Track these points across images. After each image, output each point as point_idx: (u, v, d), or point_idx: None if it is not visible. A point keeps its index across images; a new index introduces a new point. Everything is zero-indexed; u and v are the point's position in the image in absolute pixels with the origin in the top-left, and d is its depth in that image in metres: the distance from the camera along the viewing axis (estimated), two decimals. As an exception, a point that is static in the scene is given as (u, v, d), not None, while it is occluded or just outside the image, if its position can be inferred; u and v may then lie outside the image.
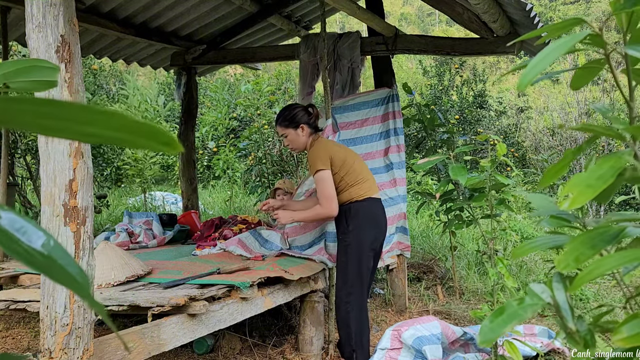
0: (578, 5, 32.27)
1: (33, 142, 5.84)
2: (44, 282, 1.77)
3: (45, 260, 0.36)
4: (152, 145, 0.35)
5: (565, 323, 0.70)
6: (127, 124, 0.34)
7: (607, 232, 0.64)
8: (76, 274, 0.37)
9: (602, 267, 0.60)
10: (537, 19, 3.15)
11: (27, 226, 0.37)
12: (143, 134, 0.34)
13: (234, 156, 9.19)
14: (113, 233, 3.84)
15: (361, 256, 2.78)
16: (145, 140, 0.35)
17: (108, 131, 0.34)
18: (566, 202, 0.59)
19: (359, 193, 2.82)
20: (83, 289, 0.37)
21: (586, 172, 0.59)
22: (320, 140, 2.96)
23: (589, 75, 0.76)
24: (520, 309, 0.69)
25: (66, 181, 1.76)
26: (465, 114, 10.29)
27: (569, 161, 0.67)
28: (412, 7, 42.14)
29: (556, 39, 0.63)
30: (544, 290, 0.73)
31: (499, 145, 2.50)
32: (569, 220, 0.89)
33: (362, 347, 2.80)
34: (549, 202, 0.96)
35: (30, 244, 0.36)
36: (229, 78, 15.05)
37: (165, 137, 0.35)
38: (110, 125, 0.34)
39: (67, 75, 1.79)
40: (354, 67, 4.16)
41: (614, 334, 0.57)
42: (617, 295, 4.32)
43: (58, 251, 0.37)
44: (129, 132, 0.34)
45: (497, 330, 0.67)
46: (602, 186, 0.57)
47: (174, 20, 4.57)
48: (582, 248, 0.62)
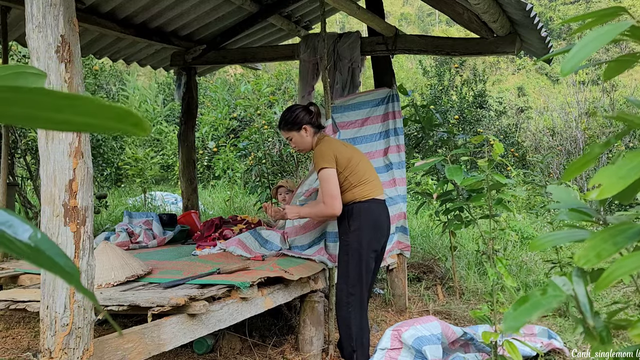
0: (578, 5, 32.28)
1: (33, 142, 5.84)
2: (44, 282, 1.76)
3: (32, 252, 0.37)
4: (122, 128, 0.35)
5: (585, 318, 0.70)
6: (95, 108, 0.33)
7: (629, 229, 0.63)
8: (64, 264, 0.38)
9: (627, 265, 0.60)
10: (537, 19, 3.15)
11: (13, 220, 0.38)
12: (112, 117, 0.34)
13: (234, 156, 9.19)
14: (113, 233, 3.84)
15: (362, 257, 2.78)
16: (114, 123, 0.34)
17: (78, 117, 0.33)
18: (594, 192, 0.58)
19: (362, 194, 2.81)
20: (73, 278, 0.38)
21: (617, 164, 0.58)
22: (326, 139, 2.96)
23: (621, 67, 0.74)
24: (543, 299, 0.69)
25: (66, 181, 1.76)
26: (465, 114, 10.29)
27: (594, 156, 0.66)
28: (412, 7, 42.14)
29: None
30: (565, 283, 0.73)
31: (496, 145, 2.50)
32: (590, 215, 0.88)
33: (362, 347, 2.80)
34: (570, 195, 0.95)
35: (17, 236, 0.37)
36: (229, 78, 15.06)
37: (134, 118, 0.35)
38: (80, 110, 0.33)
39: (67, 75, 1.79)
40: (354, 67, 4.16)
41: (631, 329, 0.57)
42: (616, 295, 4.32)
43: (45, 243, 0.38)
44: (98, 117, 0.34)
45: (521, 318, 0.66)
46: (633, 177, 0.56)
47: (174, 20, 4.57)
48: (604, 244, 0.62)
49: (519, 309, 0.67)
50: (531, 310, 0.67)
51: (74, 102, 0.33)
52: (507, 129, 11.44)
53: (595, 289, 0.65)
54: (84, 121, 0.34)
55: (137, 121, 0.35)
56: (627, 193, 0.64)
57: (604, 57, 23.11)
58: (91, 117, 0.34)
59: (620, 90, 12.92)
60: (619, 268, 0.60)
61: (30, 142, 5.86)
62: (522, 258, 5.33)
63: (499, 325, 2.21)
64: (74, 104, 0.33)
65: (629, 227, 0.63)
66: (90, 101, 0.33)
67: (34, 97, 0.33)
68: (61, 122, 0.34)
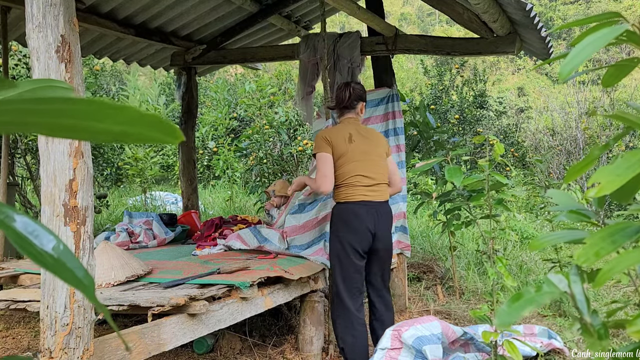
0: (578, 5, 32.27)
1: (33, 142, 5.84)
2: (44, 282, 1.77)
3: (55, 263, 0.38)
4: (157, 137, 0.36)
5: (581, 315, 0.71)
6: (132, 117, 0.34)
7: (627, 227, 0.65)
8: (82, 277, 0.39)
9: (624, 262, 0.61)
10: (537, 19, 3.15)
11: (39, 230, 0.39)
12: (146, 126, 0.35)
13: (234, 156, 9.18)
14: (113, 233, 3.84)
15: (340, 257, 2.82)
16: (151, 132, 0.35)
17: (118, 126, 0.34)
18: (593, 190, 0.60)
19: (339, 196, 2.84)
20: (89, 291, 0.39)
21: (615, 163, 0.60)
22: (338, 125, 2.97)
23: (621, 73, 0.76)
24: (537, 295, 0.71)
25: (66, 181, 1.76)
26: (465, 114, 10.29)
27: (594, 158, 0.68)
28: (412, 7, 42.13)
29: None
30: (561, 281, 0.75)
31: (497, 145, 2.50)
32: (588, 216, 0.90)
33: (347, 344, 2.81)
34: (569, 198, 0.98)
35: (42, 246, 0.38)
36: (229, 78, 15.06)
37: (168, 128, 0.36)
38: (120, 120, 0.34)
39: (67, 75, 1.79)
40: (353, 67, 4.16)
41: (629, 326, 0.58)
42: (616, 295, 4.33)
43: (67, 254, 0.39)
44: (136, 126, 0.35)
45: (514, 314, 0.68)
46: (630, 175, 0.58)
47: (174, 20, 4.57)
48: (603, 243, 0.63)
49: (512, 305, 0.69)
50: (524, 306, 0.69)
51: (116, 112, 0.34)
52: (507, 129, 11.43)
53: (594, 285, 0.67)
54: (122, 130, 0.34)
55: (172, 130, 0.36)
56: (626, 192, 0.66)
57: (604, 57, 23.10)
58: (129, 126, 0.34)
59: (620, 90, 12.92)
60: (618, 264, 0.61)
61: (30, 142, 5.86)
62: (522, 258, 5.33)
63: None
64: (116, 113, 0.34)
65: (627, 226, 0.64)
66: (131, 110, 0.34)
67: (82, 107, 0.34)
68: (101, 131, 0.34)
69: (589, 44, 0.62)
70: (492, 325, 2.28)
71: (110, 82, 12.81)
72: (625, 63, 0.74)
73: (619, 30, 0.63)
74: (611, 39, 0.62)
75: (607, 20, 0.64)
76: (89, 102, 0.34)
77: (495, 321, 0.70)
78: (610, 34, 0.62)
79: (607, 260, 0.66)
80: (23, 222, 0.39)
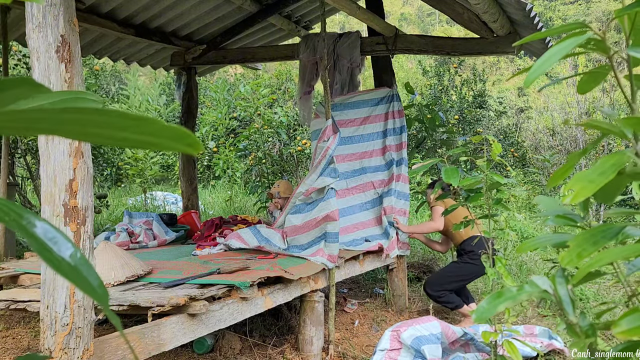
0: (578, 5, 32.24)
1: (33, 142, 5.84)
2: (44, 282, 1.76)
3: (71, 270, 0.39)
4: (177, 147, 0.37)
5: (566, 315, 0.74)
6: (156, 129, 0.36)
7: (608, 229, 0.67)
8: (97, 286, 0.40)
9: (603, 259, 0.64)
10: (537, 19, 3.15)
11: (58, 237, 0.40)
12: (169, 137, 0.36)
13: (234, 156, 9.18)
14: (113, 233, 3.84)
15: None
16: (172, 143, 0.37)
17: (138, 135, 0.36)
18: (569, 197, 0.62)
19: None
20: (102, 300, 0.40)
21: (589, 169, 0.62)
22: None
23: (595, 80, 0.80)
24: (517, 293, 0.74)
25: (66, 181, 1.76)
26: (465, 114, 10.28)
27: (573, 163, 0.71)
28: (412, 7, 42.12)
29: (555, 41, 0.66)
30: (544, 282, 0.78)
31: (494, 145, 2.50)
32: (575, 220, 0.94)
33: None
34: (556, 203, 1.02)
35: (60, 253, 0.39)
36: (229, 78, 15.05)
37: (189, 139, 0.37)
38: (142, 130, 0.36)
39: (68, 75, 1.79)
40: (353, 67, 4.16)
41: (614, 326, 0.59)
42: (616, 295, 4.33)
43: (83, 263, 0.40)
44: (157, 136, 0.36)
45: (491, 310, 0.72)
46: (603, 181, 0.60)
47: (174, 20, 4.57)
48: (585, 244, 0.66)
49: (492, 302, 0.74)
50: (501, 302, 0.73)
51: (142, 124, 0.36)
52: (507, 129, 11.43)
53: (573, 282, 0.73)
54: (147, 140, 0.36)
55: (192, 141, 0.37)
56: (608, 194, 0.69)
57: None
58: (154, 137, 0.36)
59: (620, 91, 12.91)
60: (595, 262, 0.65)
61: (31, 142, 5.86)
62: (522, 258, 5.33)
63: (499, 325, 2.22)
64: (142, 125, 0.36)
65: (608, 228, 0.67)
66: (153, 122, 0.36)
67: (111, 119, 0.36)
68: (127, 140, 0.36)
69: (553, 55, 0.66)
70: (492, 326, 2.28)
71: (110, 82, 12.80)
72: (598, 70, 0.78)
73: (581, 39, 0.67)
74: (573, 47, 0.66)
75: (579, 30, 0.68)
76: (118, 114, 0.35)
77: (473, 316, 0.73)
78: (572, 43, 0.66)
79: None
80: (43, 228, 0.40)
